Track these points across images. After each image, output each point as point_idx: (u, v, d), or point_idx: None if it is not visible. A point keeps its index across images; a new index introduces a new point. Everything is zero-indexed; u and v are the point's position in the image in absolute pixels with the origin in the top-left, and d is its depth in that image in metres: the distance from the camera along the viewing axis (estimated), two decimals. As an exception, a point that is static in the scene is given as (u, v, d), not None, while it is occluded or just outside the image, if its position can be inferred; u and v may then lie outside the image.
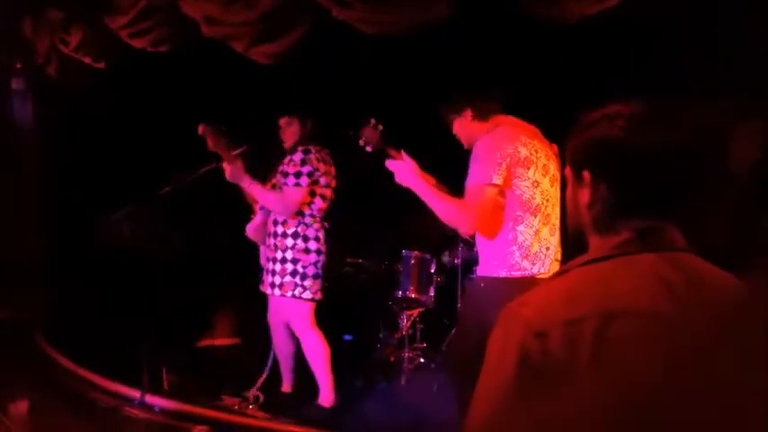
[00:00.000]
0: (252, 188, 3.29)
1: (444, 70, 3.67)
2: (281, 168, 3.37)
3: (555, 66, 3.53)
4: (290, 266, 3.33)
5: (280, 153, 3.50)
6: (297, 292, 3.33)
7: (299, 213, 3.34)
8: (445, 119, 2.64)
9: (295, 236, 3.34)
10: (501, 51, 3.57)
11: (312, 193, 3.35)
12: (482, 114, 2.54)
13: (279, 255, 3.36)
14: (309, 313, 3.38)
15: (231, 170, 3.22)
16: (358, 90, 4.06)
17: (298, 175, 3.27)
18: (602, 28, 2.83)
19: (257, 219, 3.60)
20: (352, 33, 2.90)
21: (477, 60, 3.61)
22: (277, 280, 3.35)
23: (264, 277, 3.47)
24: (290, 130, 3.44)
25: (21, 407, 3.57)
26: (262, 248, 3.65)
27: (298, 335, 3.43)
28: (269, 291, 3.40)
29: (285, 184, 3.29)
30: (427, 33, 2.84)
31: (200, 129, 3.18)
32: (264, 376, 3.73)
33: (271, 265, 3.39)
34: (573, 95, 2.57)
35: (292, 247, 3.34)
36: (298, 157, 3.29)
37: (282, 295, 3.35)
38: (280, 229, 3.37)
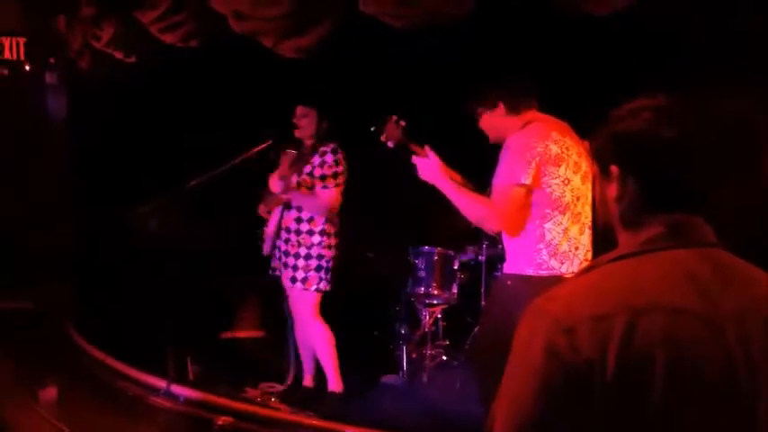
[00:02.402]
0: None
1: (471, 64, 3.63)
2: (311, 170, 3.38)
3: (584, 60, 3.48)
4: (314, 262, 3.42)
5: (296, 147, 3.52)
6: (321, 286, 3.44)
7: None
8: (473, 113, 2.59)
9: (322, 233, 3.44)
10: (530, 45, 3.53)
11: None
12: (515, 108, 2.49)
13: (303, 251, 3.43)
14: (318, 303, 3.48)
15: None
16: (384, 84, 4.05)
17: (335, 176, 3.37)
18: (631, 21, 2.78)
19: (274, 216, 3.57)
20: (379, 27, 2.89)
21: (504, 55, 3.57)
22: (300, 275, 3.43)
23: (282, 271, 3.50)
24: (304, 121, 3.46)
25: (50, 394, 3.65)
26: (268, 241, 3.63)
27: (306, 324, 3.51)
28: (288, 285, 3.47)
29: (325, 186, 3.36)
30: (455, 26, 2.81)
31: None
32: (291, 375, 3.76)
33: (292, 260, 3.45)
34: (602, 91, 2.52)
35: (318, 244, 3.43)
36: (330, 158, 3.37)
37: (305, 289, 3.42)
38: (305, 227, 3.44)
